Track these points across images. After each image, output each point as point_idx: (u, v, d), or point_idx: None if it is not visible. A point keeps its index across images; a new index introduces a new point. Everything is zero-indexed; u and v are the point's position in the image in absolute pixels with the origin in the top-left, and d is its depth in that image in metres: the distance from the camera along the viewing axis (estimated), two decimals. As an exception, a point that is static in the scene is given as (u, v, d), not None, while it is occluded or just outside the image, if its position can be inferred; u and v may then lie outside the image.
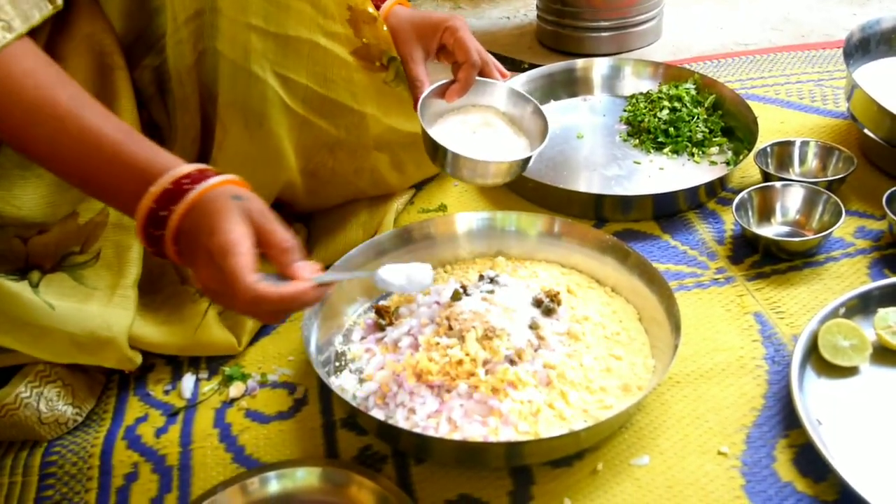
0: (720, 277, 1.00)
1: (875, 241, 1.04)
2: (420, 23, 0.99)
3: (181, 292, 0.91)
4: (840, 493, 0.74)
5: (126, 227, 0.84)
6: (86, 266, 0.82)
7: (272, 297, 0.64)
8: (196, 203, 0.67)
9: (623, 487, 0.76)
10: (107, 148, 0.68)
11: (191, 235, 0.67)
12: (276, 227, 0.68)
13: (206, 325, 0.90)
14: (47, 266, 0.81)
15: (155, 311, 0.89)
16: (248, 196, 0.68)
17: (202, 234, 0.65)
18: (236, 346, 0.91)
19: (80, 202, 0.82)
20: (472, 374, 0.81)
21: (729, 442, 0.80)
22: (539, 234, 1.01)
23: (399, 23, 0.99)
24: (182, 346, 0.90)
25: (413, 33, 0.99)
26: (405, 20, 1.00)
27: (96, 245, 0.83)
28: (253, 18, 0.85)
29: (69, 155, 0.69)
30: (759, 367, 0.87)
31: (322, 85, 0.93)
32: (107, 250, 0.83)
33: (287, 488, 0.76)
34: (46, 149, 0.69)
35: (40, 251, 0.81)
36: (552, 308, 0.90)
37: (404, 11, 1.01)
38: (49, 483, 0.80)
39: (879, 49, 1.26)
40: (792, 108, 1.34)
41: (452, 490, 0.77)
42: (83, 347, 0.81)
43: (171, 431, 0.85)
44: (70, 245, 0.82)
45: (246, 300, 0.63)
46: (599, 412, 0.79)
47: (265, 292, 0.64)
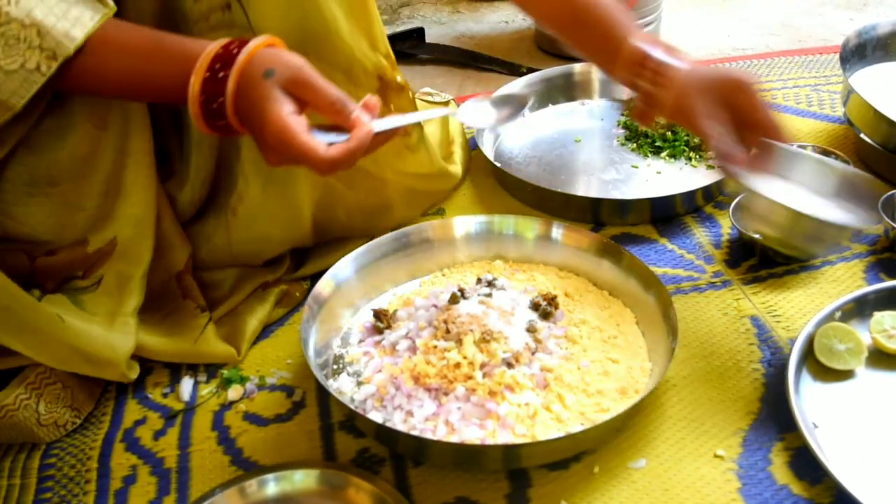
0: (717, 281, 1.00)
1: (871, 246, 1.04)
2: (705, 78, 0.85)
3: (182, 307, 0.91)
4: (835, 496, 0.74)
5: (131, 258, 0.84)
6: (86, 291, 0.83)
7: (346, 155, 0.69)
8: (237, 92, 0.69)
9: (619, 490, 0.76)
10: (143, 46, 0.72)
11: (246, 117, 0.70)
12: (318, 89, 0.70)
13: (206, 339, 0.90)
14: (48, 286, 0.82)
15: (155, 325, 0.90)
16: (278, 65, 0.69)
17: (255, 127, 0.69)
18: (236, 356, 0.92)
19: (91, 230, 0.82)
20: (470, 377, 0.81)
21: (725, 445, 0.80)
22: (537, 237, 1.01)
23: (684, 79, 0.85)
24: (182, 355, 0.90)
25: (701, 89, 0.84)
26: (687, 75, 0.85)
27: (99, 272, 0.83)
28: None
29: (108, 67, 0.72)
30: (756, 371, 0.88)
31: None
32: (109, 278, 0.83)
33: (285, 490, 0.77)
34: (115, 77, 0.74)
35: (44, 272, 0.81)
36: (550, 311, 0.90)
37: (684, 67, 0.86)
38: (47, 485, 0.80)
39: (876, 54, 1.27)
40: (789, 112, 1.34)
41: (450, 492, 0.77)
42: (88, 360, 0.82)
43: (169, 434, 0.85)
44: (74, 269, 0.82)
45: (325, 168, 0.69)
46: (596, 415, 0.80)
47: (337, 155, 0.69)
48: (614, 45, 0.86)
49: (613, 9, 0.87)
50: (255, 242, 0.96)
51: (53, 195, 0.79)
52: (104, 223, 0.83)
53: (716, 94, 0.82)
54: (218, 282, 0.97)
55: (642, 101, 0.87)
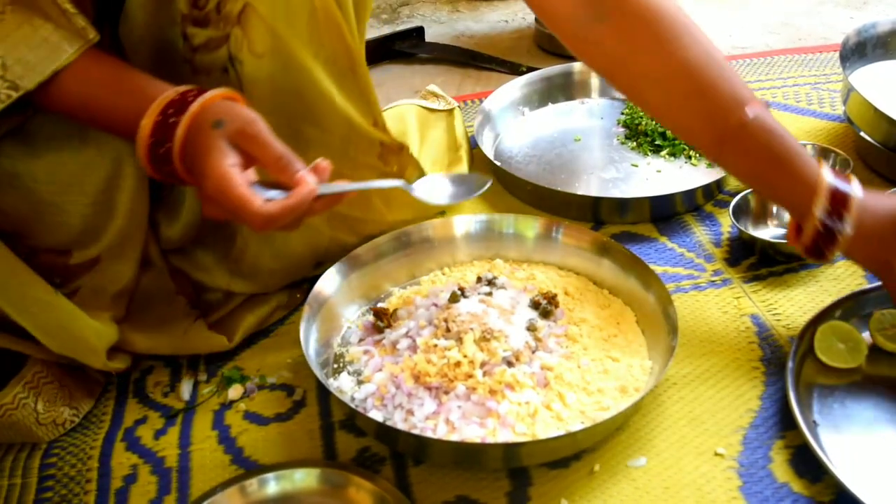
0: (717, 279, 1.00)
1: (871, 244, 1.04)
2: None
3: (173, 302, 0.91)
4: (836, 493, 0.74)
5: (108, 275, 0.85)
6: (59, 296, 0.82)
7: (283, 212, 0.68)
8: (185, 139, 0.69)
9: (620, 488, 0.76)
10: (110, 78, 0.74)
11: (191, 166, 0.70)
12: (265, 144, 0.69)
13: (196, 330, 0.90)
14: None
15: (144, 318, 0.90)
16: (228, 116, 0.69)
17: (197, 175, 0.69)
18: (226, 343, 0.91)
19: (76, 245, 0.82)
20: (470, 375, 0.81)
21: (725, 443, 0.80)
22: (537, 236, 1.01)
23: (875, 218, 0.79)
24: (172, 347, 0.90)
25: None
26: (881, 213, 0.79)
27: (76, 283, 0.83)
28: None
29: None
30: (756, 369, 0.88)
31: (347, 207, 0.93)
32: (85, 290, 0.83)
33: (286, 490, 0.77)
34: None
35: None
36: (550, 310, 0.90)
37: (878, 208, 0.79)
38: (48, 485, 0.81)
39: (876, 52, 1.27)
40: (789, 111, 1.35)
41: (450, 491, 0.77)
42: (75, 339, 0.81)
43: (169, 433, 0.85)
44: (53, 276, 0.81)
45: (259, 224, 0.68)
46: (597, 413, 0.80)
47: (274, 211, 0.68)
48: (807, 182, 0.79)
49: (799, 146, 0.81)
50: (256, 284, 0.95)
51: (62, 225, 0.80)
52: (91, 240, 0.83)
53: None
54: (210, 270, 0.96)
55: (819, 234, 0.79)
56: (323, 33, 0.81)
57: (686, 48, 0.82)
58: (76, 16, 0.71)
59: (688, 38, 0.82)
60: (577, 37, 0.87)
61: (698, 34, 0.83)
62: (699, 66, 0.81)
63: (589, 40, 0.86)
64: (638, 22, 0.83)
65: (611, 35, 0.84)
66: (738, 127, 0.80)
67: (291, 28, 0.78)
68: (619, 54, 0.85)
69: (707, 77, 0.81)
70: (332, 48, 0.83)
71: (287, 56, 0.79)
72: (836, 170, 0.81)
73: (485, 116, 1.28)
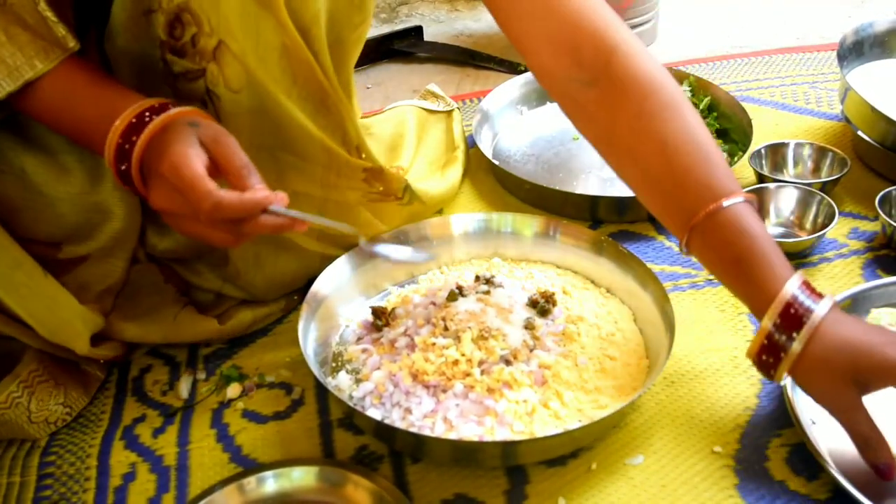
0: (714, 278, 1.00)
1: (868, 242, 1.05)
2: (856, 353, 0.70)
3: (162, 290, 0.91)
4: (832, 492, 0.75)
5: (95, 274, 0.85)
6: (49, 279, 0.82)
7: (232, 202, 0.67)
8: (155, 133, 0.69)
9: (617, 486, 0.77)
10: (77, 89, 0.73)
11: (148, 165, 0.70)
12: (233, 153, 0.70)
13: (185, 315, 0.91)
14: None
15: (133, 308, 0.90)
16: (204, 123, 0.70)
17: (154, 159, 0.68)
18: (217, 325, 0.91)
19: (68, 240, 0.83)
20: (468, 374, 0.81)
21: (722, 441, 0.80)
22: (535, 235, 1.01)
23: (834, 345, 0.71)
24: (163, 335, 0.90)
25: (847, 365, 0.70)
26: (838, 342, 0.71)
27: (63, 278, 0.83)
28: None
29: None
30: (753, 367, 0.87)
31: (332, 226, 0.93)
32: (69, 285, 0.83)
33: (284, 488, 0.77)
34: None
35: None
36: (547, 309, 0.90)
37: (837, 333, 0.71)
38: (47, 483, 0.81)
39: (873, 51, 1.27)
40: (786, 110, 1.35)
41: (448, 489, 0.77)
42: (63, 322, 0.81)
43: (168, 432, 0.85)
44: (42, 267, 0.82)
45: (207, 208, 0.66)
46: (594, 412, 0.80)
47: (223, 199, 0.66)
48: (764, 291, 0.72)
49: (771, 248, 0.74)
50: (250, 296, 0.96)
51: (26, 181, 0.80)
52: (83, 238, 0.84)
53: (855, 373, 0.70)
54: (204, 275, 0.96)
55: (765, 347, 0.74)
56: (296, 71, 0.81)
57: (668, 125, 0.77)
58: (57, 24, 0.72)
59: (672, 114, 0.77)
60: (568, 97, 0.84)
61: (685, 110, 0.78)
62: (677, 149, 0.76)
63: (579, 103, 0.83)
64: (624, 92, 0.79)
65: (598, 101, 0.81)
66: (704, 217, 0.74)
67: (263, 65, 0.79)
68: (603, 122, 0.82)
69: (684, 160, 0.76)
70: (306, 85, 0.83)
71: (262, 92, 0.80)
72: (811, 288, 0.72)
73: (483, 115, 1.28)
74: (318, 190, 0.90)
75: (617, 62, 0.79)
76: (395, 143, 1.17)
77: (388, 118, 1.22)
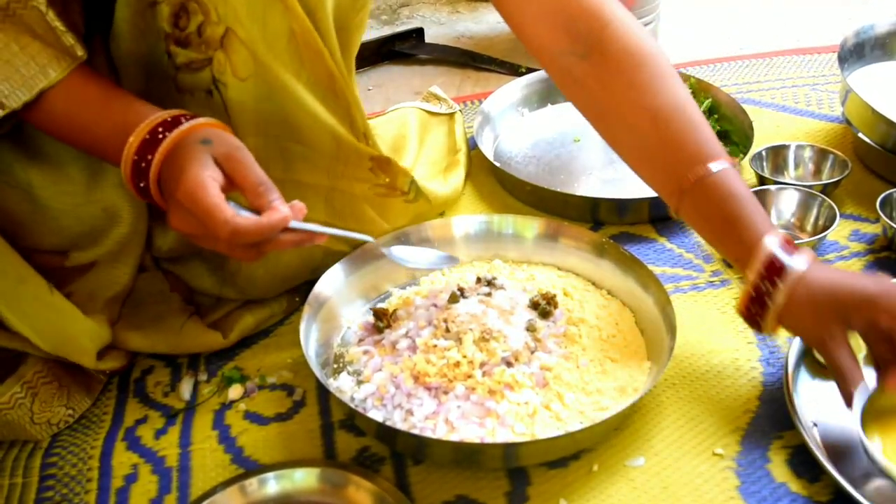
0: (716, 280, 1.01)
1: (869, 245, 1.05)
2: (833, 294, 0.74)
3: (168, 299, 0.92)
4: (833, 493, 0.75)
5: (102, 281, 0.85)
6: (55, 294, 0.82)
7: (249, 228, 0.67)
8: (168, 152, 0.69)
9: (618, 488, 0.77)
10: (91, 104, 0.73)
11: (166, 186, 0.69)
12: (248, 168, 0.69)
13: (190, 327, 0.91)
14: None
15: (138, 317, 0.90)
16: (217, 138, 0.70)
17: (171, 183, 0.68)
18: (221, 340, 0.91)
19: (75, 247, 0.83)
20: (470, 375, 0.81)
21: (724, 443, 0.80)
22: (536, 237, 1.02)
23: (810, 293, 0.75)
24: (168, 345, 0.90)
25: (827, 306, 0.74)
26: (816, 288, 0.74)
27: (70, 287, 0.83)
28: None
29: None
30: (754, 369, 0.88)
31: (339, 219, 0.92)
32: (78, 295, 0.84)
33: (286, 489, 0.77)
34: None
35: None
36: (549, 310, 0.90)
37: (815, 280, 0.74)
38: (49, 484, 0.81)
39: (874, 54, 1.27)
40: (787, 112, 1.35)
41: (450, 491, 0.77)
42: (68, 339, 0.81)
43: (170, 433, 0.85)
44: (48, 279, 0.81)
45: (225, 236, 0.66)
46: (595, 413, 0.80)
47: (243, 224, 0.66)
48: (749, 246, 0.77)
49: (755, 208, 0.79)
50: (250, 295, 0.96)
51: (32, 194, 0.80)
52: (90, 244, 0.84)
53: (838, 310, 0.73)
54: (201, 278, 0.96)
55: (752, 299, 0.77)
56: (303, 56, 0.81)
57: (659, 96, 0.81)
58: (66, 34, 0.72)
59: (663, 85, 0.82)
60: (562, 71, 0.87)
61: (674, 82, 0.83)
62: (668, 117, 0.81)
63: (572, 75, 0.86)
64: (617, 64, 0.83)
65: (591, 73, 0.84)
66: (694, 182, 0.79)
67: (272, 51, 0.79)
68: (597, 95, 0.85)
69: (674, 128, 0.80)
70: (314, 70, 0.83)
71: (270, 79, 0.80)
72: (791, 243, 0.77)
73: (484, 117, 1.28)
74: (324, 180, 0.90)
75: (610, 35, 0.83)
76: (398, 144, 1.17)
77: (389, 120, 1.22)
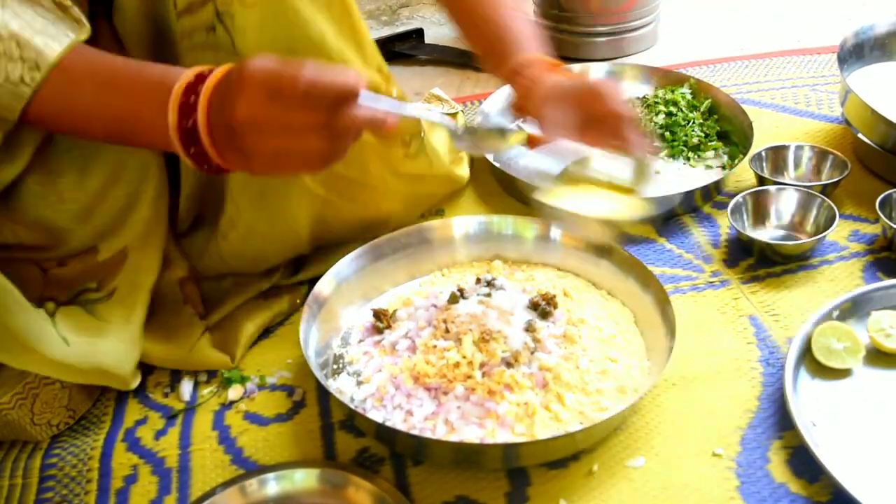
0: (715, 280, 1.01)
1: (869, 245, 1.05)
2: (561, 86, 0.87)
3: (181, 312, 0.91)
4: (833, 494, 0.75)
5: (142, 269, 0.85)
6: (99, 302, 0.82)
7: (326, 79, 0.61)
8: (220, 78, 0.65)
9: (618, 488, 0.77)
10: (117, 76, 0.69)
11: (222, 96, 0.64)
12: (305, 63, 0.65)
13: (200, 347, 0.90)
14: (62, 298, 0.81)
15: (154, 329, 0.89)
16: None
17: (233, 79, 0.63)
18: (230, 364, 0.92)
19: (101, 238, 0.82)
20: (469, 376, 0.81)
21: (724, 443, 0.80)
22: (536, 237, 1.02)
23: (545, 89, 0.87)
24: (176, 361, 0.90)
25: (555, 95, 0.86)
26: (550, 84, 0.88)
27: (112, 283, 0.83)
28: None
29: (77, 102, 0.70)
30: (754, 370, 0.88)
31: (344, 166, 0.92)
32: (122, 290, 0.84)
33: (285, 490, 0.77)
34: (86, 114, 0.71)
35: (57, 283, 0.81)
36: (548, 311, 0.90)
37: (552, 78, 0.89)
38: (49, 485, 0.81)
39: (873, 54, 1.27)
40: (787, 112, 1.35)
41: (449, 491, 0.77)
42: (88, 377, 0.81)
43: (170, 434, 0.85)
44: (87, 280, 0.82)
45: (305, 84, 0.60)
46: (595, 414, 0.80)
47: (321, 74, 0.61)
48: (505, 56, 0.94)
49: (521, 27, 0.96)
50: (250, 259, 0.96)
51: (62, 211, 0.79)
52: (115, 232, 0.83)
53: (571, 103, 0.85)
54: (215, 288, 0.97)
55: (517, 101, 0.93)
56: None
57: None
58: (71, 7, 0.70)
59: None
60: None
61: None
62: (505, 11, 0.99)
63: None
64: None
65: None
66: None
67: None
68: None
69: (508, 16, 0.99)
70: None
71: (279, 1, 0.78)
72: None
73: (484, 117, 1.28)
74: None
75: None
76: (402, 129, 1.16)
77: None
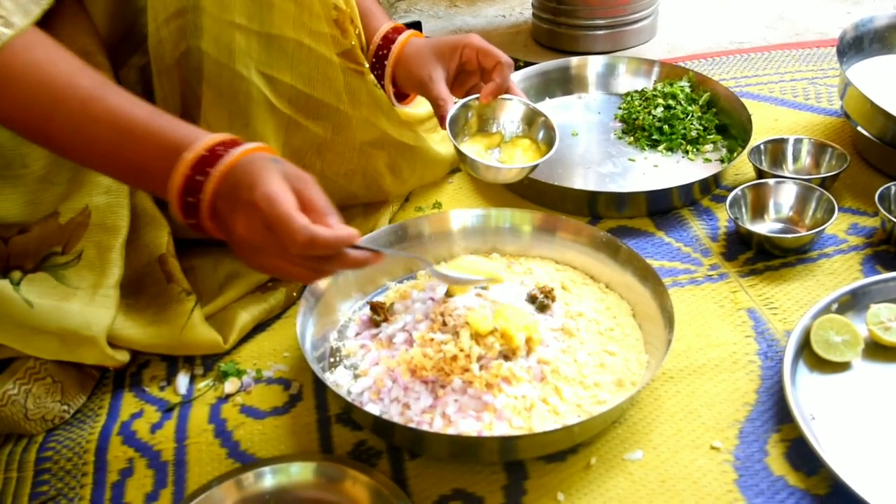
0: (714, 274, 1.00)
1: (867, 238, 1.04)
2: (437, 45, 1.00)
3: (167, 291, 0.90)
4: (831, 486, 0.74)
5: (108, 228, 0.84)
6: (67, 266, 0.82)
7: (327, 236, 0.65)
8: (233, 166, 0.68)
9: (616, 482, 0.76)
10: (135, 125, 0.69)
11: (229, 196, 0.67)
12: (315, 191, 0.68)
13: (192, 325, 0.90)
14: (28, 266, 0.81)
15: (140, 311, 0.89)
16: (284, 161, 0.69)
17: (242, 189, 0.66)
18: (222, 345, 0.91)
19: (62, 202, 0.82)
20: (467, 369, 0.81)
21: (722, 437, 0.80)
22: (533, 230, 1.01)
23: (417, 49, 1.00)
24: (168, 345, 0.90)
25: (431, 55, 0.99)
26: (422, 45, 1.01)
27: (78, 246, 0.83)
28: (237, 17, 0.85)
29: (94, 138, 0.69)
30: (752, 363, 0.88)
31: (307, 84, 0.92)
32: (89, 251, 0.83)
33: (282, 483, 0.77)
34: (69, 136, 0.69)
35: (21, 251, 0.81)
36: (546, 304, 0.90)
37: (421, 40, 1.02)
38: (44, 478, 0.80)
39: (873, 47, 1.27)
40: (786, 105, 1.34)
41: (447, 485, 0.77)
42: (63, 342, 0.81)
43: (166, 427, 0.85)
44: (51, 245, 0.81)
45: (302, 241, 0.63)
46: (593, 407, 0.80)
47: (319, 232, 0.64)
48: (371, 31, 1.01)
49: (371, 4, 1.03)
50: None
51: (25, 175, 0.79)
52: (74, 193, 0.82)
53: (439, 56, 0.98)
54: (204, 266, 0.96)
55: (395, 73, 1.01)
56: None
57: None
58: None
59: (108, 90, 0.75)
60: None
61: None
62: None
63: None
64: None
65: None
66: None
67: None
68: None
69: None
70: None
71: None
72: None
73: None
74: (290, 31, 0.88)
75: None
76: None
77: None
